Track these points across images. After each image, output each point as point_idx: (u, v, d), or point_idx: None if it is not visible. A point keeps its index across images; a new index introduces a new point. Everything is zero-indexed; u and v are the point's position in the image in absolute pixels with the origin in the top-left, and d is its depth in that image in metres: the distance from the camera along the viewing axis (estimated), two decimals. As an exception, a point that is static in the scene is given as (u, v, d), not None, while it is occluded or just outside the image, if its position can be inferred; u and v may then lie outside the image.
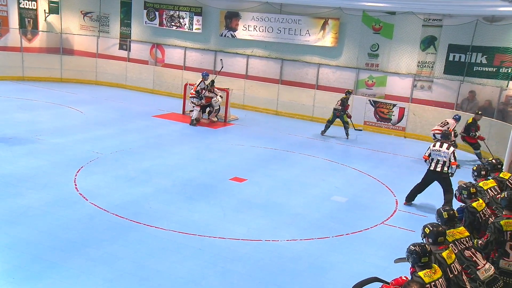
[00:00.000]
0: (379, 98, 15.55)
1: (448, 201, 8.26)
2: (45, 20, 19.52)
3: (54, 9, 19.61)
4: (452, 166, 8.39)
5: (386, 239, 7.40)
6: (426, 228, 4.55)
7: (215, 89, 14.52)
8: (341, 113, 13.80)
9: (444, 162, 8.38)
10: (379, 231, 7.68)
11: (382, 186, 9.94)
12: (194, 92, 14.13)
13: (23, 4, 18.61)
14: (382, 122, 15.39)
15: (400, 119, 15.16)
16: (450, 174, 8.44)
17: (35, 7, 19.02)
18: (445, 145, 8.47)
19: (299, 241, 7.07)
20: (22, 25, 18.63)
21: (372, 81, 15.79)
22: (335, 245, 7.05)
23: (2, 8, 17.99)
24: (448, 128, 11.85)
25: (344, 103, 13.83)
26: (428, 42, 14.83)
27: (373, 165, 11.46)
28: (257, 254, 6.56)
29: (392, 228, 7.82)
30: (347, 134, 13.91)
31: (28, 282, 5.45)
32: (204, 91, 14.19)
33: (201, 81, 14.23)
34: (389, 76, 15.51)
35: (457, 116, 12.41)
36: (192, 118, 13.97)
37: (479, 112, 12.42)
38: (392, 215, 8.41)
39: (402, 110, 15.11)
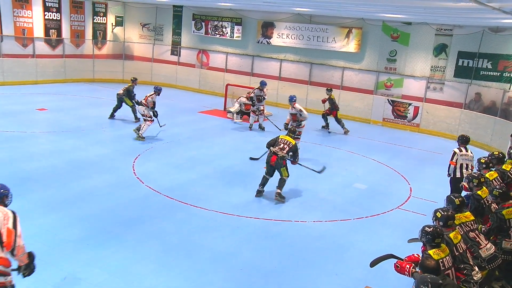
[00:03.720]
0: (396, 98, 15.15)
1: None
2: (112, 31, 19.98)
3: (119, 22, 20.08)
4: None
5: (400, 222, 7.24)
6: (438, 212, 4.46)
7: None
8: (331, 111, 13.40)
9: (468, 165, 7.40)
10: (395, 215, 7.50)
11: (398, 176, 9.69)
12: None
13: (96, 20, 19.22)
14: (399, 119, 15.01)
15: (415, 116, 14.74)
16: None
17: (104, 22, 19.55)
18: (468, 148, 7.64)
19: (324, 222, 6.98)
20: (94, 36, 19.19)
21: (390, 83, 15.40)
22: (356, 227, 6.94)
23: (81, 24, 18.65)
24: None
25: (333, 102, 13.42)
26: (440, 49, 14.40)
27: (390, 156, 11.20)
28: (286, 233, 6.50)
29: (406, 212, 7.62)
30: (343, 128, 13.35)
31: (98, 248, 5.62)
32: (255, 98, 12.90)
33: (257, 88, 13.19)
34: (405, 78, 15.08)
35: None
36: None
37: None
38: (406, 201, 8.19)
39: (416, 109, 14.68)
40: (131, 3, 19.98)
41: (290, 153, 7.50)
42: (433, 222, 4.47)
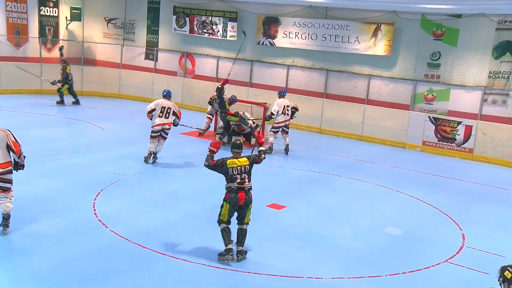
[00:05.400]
0: (440, 115, 15.29)
1: None
2: (66, 28, 20.27)
3: (76, 16, 20.31)
4: None
5: (451, 281, 7.19)
6: (507, 271, 4.44)
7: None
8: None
9: None
10: (443, 271, 7.46)
11: (444, 217, 9.70)
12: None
13: (44, 11, 19.36)
14: (444, 143, 15.10)
15: (466, 139, 14.81)
16: None
17: (56, 14, 19.79)
18: None
19: (346, 279, 6.95)
20: (42, 33, 19.42)
21: (432, 95, 15.56)
22: (389, 286, 6.90)
23: (22, 16, 18.69)
24: None
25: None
26: (502, 49, 14.47)
27: (432, 191, 11.24)
28: (297, 293, 6.48)
29: (458, 268, 7.57)
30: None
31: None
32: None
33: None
34: (452, 89, 15.25)
35: None
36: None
37: None
38: (458, 252, 8.15)
39: (468, 129, 14.78)
40: (93, -8, 20.41)
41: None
42: (500, 284, 4.46)
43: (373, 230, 8.72)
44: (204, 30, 18.78)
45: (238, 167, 7.20)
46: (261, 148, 7.64)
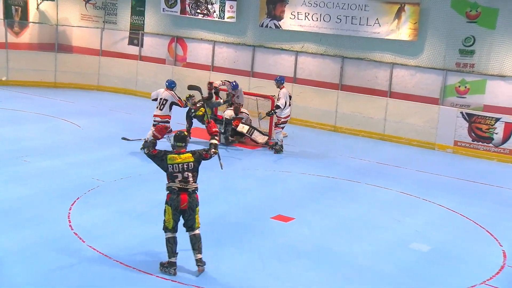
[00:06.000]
0: (475, 110, 15.26)
1: None
2: (37, 8, 20.30)
3: (49, -5, 20.31)
4: None
5: (489, 306, 7.16)
6: None
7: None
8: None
9: None
10: (479, 294, 7.44)
11: (481, 231, 9.65)
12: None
13: (10, -12, 19.38)
14: (480, 143, 15.06)
15: (505, 138, 14.78)
16: None
17: (25, -8, 19.81)
18: None
19: (365, 304, 6.91)
20: (8, 15, 19.40)
21: (465, 87, 15.53)
22: (416, 312, 6.85)
23: (-17, -6, 18.72)
24: None
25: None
26: (549, 33, 14.45)
27: (466, 200, 11.22)
28: (307, 321, 6.44)
29: (497, 291, 7.56)
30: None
31: None
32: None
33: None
34: (489, 80, 15.23)
35: None
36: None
37: None
38: (498, 272, 8.09)
39: (508, 127, 14.74)
40: (69, -33, 20.44)
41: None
42: None
43: (397, 246, 8.68)
44: (198, 11, 18.74)
45: (180, 164, 7.12)
46: (212, 141, 7.50)
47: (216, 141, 7.52)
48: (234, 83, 14.48)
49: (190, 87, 13.58)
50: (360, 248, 8.47)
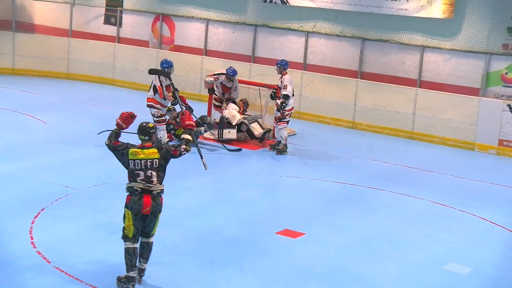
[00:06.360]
0: (525, 102, 15.29)
1: None
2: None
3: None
4: None
5: None
6: None
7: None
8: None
9: None
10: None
11: (532, 249, 9.69)
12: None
13: None
14: (531, 142, 15.10)
15: None
16: None
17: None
18: None
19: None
20: None
21: (514, 75, 15.56)
22: None
23: None
24: None
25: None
26: None
27: (515, 212, 11.24)
28: None
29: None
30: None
31: None
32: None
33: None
34: (543, 65, 15.26)
35: None
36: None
37: None
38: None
39: None
40: None
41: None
42: None
43: (429, 268, 8.63)
44: (188, -17, 18.77)
45: (142, 161, 7.18)
46: (184, 136, 7.53)
47: (189, 137, 7.55)
48: (231, 70, 14.48)
49: (152, 72, 13.55)
50: (384, 269, 8.44)
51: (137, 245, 7.18)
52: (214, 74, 14.86)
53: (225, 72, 14.52)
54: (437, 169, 13.58)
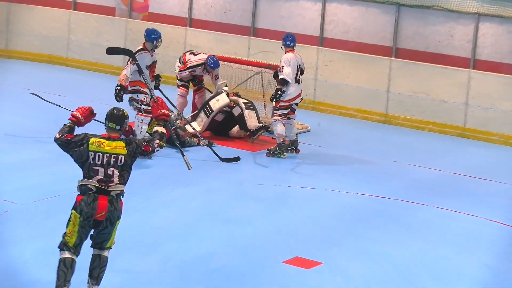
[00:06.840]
0: None
1: None
2: None
3: None
4: None
5: None
6: None
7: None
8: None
9: None
10: None
11: None
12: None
13: None
14: None
15: None
16: None
17: None
18: None
19: None
20: None
21: None
22: None
23: None
24: None
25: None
26: None
27: None
28: None
29: None
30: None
31: None
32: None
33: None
34: None
35: None
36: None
37: None
38: None
39: None
40: None
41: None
42: None
43: None
44: None
45: (106, 154, 7.24)
46: (157, 129, 7.56)
47: (162, 129, 7.59)
48: (213, 60, 14.59)
49: (110, 51, 13.79)
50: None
51: (76, 259, 7.24)
52: (188, 68, 14.90)
53: (203, 61, 14.65)
54: (496, 177, 13.64)
